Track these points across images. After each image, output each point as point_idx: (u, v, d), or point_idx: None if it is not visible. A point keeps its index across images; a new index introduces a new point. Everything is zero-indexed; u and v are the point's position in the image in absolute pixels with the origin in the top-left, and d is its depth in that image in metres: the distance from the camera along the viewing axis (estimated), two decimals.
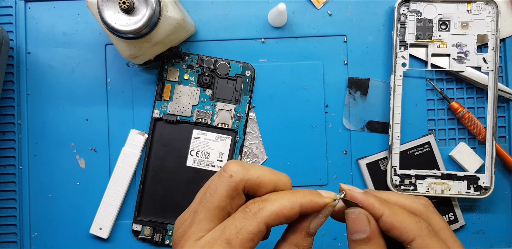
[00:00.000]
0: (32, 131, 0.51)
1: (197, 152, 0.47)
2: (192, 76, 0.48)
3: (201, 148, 0.47)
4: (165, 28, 0.43)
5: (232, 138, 0.48)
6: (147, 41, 0.43)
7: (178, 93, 0.47)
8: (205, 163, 0.47)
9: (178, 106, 0.47)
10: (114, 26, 0.41)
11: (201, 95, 0.47)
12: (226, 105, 0.47)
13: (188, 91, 0.47)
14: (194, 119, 0.47)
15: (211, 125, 0.47)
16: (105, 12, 0.41)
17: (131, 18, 0.41)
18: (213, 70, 0.48)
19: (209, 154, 0.47)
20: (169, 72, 0.47)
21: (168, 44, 0.47)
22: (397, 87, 0.51)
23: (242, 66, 0.48)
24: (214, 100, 0.48)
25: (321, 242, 0.52)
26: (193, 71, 0.47)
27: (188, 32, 0.49)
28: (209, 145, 0.47)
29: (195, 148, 0.47)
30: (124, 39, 0.43)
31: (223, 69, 0.48)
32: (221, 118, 0.47)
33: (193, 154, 0.47)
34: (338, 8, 0.52)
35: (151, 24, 0.41)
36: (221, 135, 0.48)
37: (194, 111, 0.47)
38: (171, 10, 0.43)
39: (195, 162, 0.47)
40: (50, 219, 0.51)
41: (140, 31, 0.41)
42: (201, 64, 0.47)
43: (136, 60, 0.46)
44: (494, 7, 0.50)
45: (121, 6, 0.40)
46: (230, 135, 0.48)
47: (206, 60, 0.47)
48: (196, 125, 0.48)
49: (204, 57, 0.47)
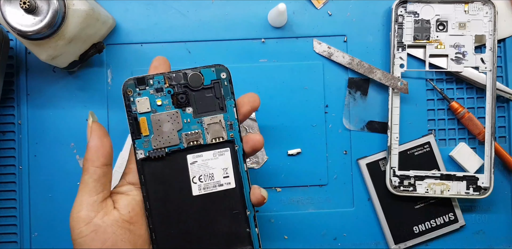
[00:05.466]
0: (32, 131, 0.51)
1: (199, 177, 0.42)
2: (165, 99, 0.41)
3: (202, 171, 0.42)
4: (75, 22, 0.42)
5: (231, 149, 0.42)
6: (60, 38, 0.42)
7: (157, 124, 0.40)
8: (212, 185, 0.42)
9: (163, 138, 0.41)
10: (17, 27, 0.40)
11: (183, 116, 0.41)
12: (213, 118, 0.41)
13: (167, 117, 0.41)
14: (185, 145, 0.41)
15: (206, 144, 0.41)
16: (9, 15, 0.40)
17: (36, 18, 0.40)
18: (185, 85, 0.41)
19: (212, 174, 0.42)
20: (138, 103, 0.40)
21: (88, 40, 0.46)
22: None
23: (214, 70, 0.41)
24: (198, 117, 0.41)
25: (321, 242, 0.52)
26: (164, 93, 0.41)
27: (107, 25, 0.48)
28: (209, 165, 0.42)
29: (195, 174, 0.41)
30: (35, 41, 0.42)
31: (196, 80, 0.41)
32: (213, 133, 0.42)
33: (196, 181, 0.41)
34: (338, 8, 0.52)
35: (57, 21, 0.40)
36: (218, 150, 0.42)
37: (182, 136, 0.41)
38: (77, 3, 0.42)
39: (201, 188, 0.42)
40: (50, 219, 0.51)
41: (47, 29, 0.40)
42: (170, 83, 0.41)
43: (58, 62, 0.45)
44: (491, 7, 0.51)
45: (22, 7, 0.39)
46: (228, 146, 0.42)
47: (174, 76, 0.41)
48: (189, 150, 0.41)
49: (171, 74, 0.41)
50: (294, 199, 0.52)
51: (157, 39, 0.51)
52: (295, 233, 0.52)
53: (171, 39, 0.52)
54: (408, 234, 0.52)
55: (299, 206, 0.52)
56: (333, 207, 0.52)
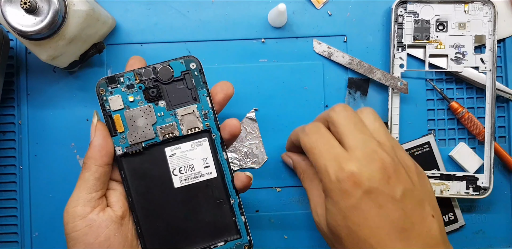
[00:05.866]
0: (32, 131, 0.51)
1: (180, 169, 0.42)
2: (137, 95, 0.42)
3: (182, 163, 0.42)
4: (76, 22, 0.42)
5: (208, 138, 0.42)
6: (61, 38, 0.42)
7: (131, 120, 0.41)
8: (193, 176, 0.42)
9: (138, 133, 0.41)
10: (18, 27, 0.40)
11: (156, 110, 0.42)
12: (186, 109, 0.42)
13: (141, 112, 0.41)
14: (161, 138, 0.42)
15: (182, 136, 0.42)
16: (9, 15, 0.40)
17: (37, 18, 0.40)
18: (156, 79, 0.42)
19: (192, 165, 0.42)
20: (111, 101, 0.41)
21: (89, 41, 0.46)
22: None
23: (183, 61, 0.42)
24: (171, 109, 0.42)
25: (321, 242, 0.52)
26: (135, 89, 0.41)
27: (107, 25, 0.48)
28: (189, 156, 0.42)
29: (175, 166, 0.42)
30: (36, 41, 0.42)
31: (165, 73, 0.42)
32: (188, 124, 0.42)
33: (177, 173, 0.42)
34: (338, 8, 0.52)
35: (57, 21, 0.41)
36: (196, 141, 0.42)
37: (157, 130, 0.42)
38: (78, 3, 0.42)
39: (182, 179, 0.42)
40: (50, 219, 0.51)
41: (47, 29, 0.40)
42: (140, 79, 0.42)
43: (58, 62, 0.45)
44: (491, 7, 0.51)
45: (23, 7, 0.39)
46: (205, 136, 0.43)
47: (144, 71, 0.41)
48: (166, 143, 0.42)
49: (140, 70, 0.41)
50: (294, 199, 0.52)
51: (157, 39, 0.51)
52: (295, 233, 0.52)
53: (171, 39, 0.52)
54: None
55: (299, 206, 0.52)
56: None
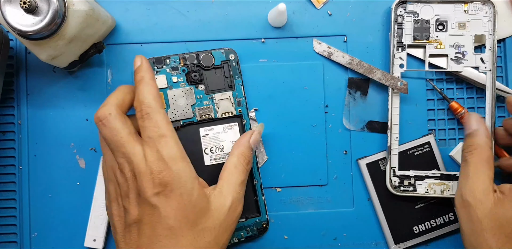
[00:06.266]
0: (32, 131, 0.51)
1: (211, 148, 0.47)
2: (180, 77, 0.47)
3: (213, 143, 0.47)
4: (75, 22, 0.42)
5: (239, 123, 0.48)
6: (61, 38, 0.42)
7: (173, 98, 0.47)
8: (222, 156, 0.48)
9: (178, 111, 0.47)
10: (18, 27, 0.40)
11: (196, 93, 0.47)
12: (223, 94, 0.48)
13: (182, 93, 0.47)
14: (198, 118, 0.47)
15: (217, 118, 0.47)
16: (9, 15, 0.40)
17: (36, 18, 0.40)
18: (198, 65, 0.47)
19: (222, 147, 0.48)
20: (156, 80, 0.46)
21: (88, 40, 0.46)
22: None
23: (224, 52, 0.48)
24: (209, 93, 0.48)
25: (321, 242, 0.52)
26: (179, 71, 0.47)
27: (107, 25, 0.48)
28: (220, 138, 0.48)
29: (207, 145, 0.47)
30: (35, 41, 0.42)
31: (207, 60, 0.47)
32: (223, 108, 0.47)
33: (208, 152, 0.47)
34: (338, 8, 0.52)
35: (57, 21, 0.41)
36: (228, 125, 0.48)
37: (195, 110, 0.47)
38: (77, 3, 0.42)
39: (212, 158, 0.47)
40: (50, 219, 0.51)
41: (47, 29, 0.40)
42: (184, 63, 0.47)
43: (58, 62, 0.45)
44: (491, 7, 0.51)
45: (22, 7, 0.39)
46: (236, 121, 0.48)
47: (188, 57, 0.47)
48: (201, 123, 0.47)
49: (185, 55, 0.47)
50: (294, 199, 0.52)
51: (157, 39, 0.51)
52: (295, 233, 0.52)
53: (171, 39, 0.51)
54: (408, 234, 0.52)
55: (299, 206, 0.52)
56: (333, 207, 0.52)
